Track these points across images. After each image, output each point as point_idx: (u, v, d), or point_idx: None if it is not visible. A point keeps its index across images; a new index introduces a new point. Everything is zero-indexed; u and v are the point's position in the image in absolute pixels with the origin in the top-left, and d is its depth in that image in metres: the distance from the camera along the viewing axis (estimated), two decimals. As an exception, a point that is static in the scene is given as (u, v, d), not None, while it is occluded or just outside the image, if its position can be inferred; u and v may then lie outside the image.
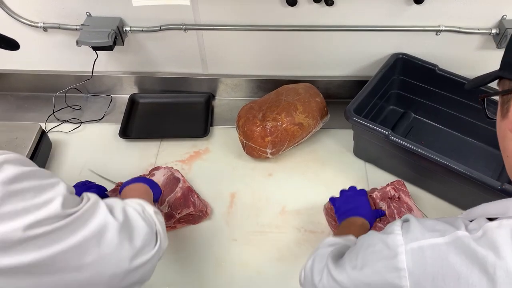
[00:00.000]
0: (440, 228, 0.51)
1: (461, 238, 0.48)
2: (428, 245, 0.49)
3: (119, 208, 0.66)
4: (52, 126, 1.29)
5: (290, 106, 1.14)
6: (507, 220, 0.47)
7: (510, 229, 0.46)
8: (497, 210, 0.52)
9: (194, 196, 1.05)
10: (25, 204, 0.52)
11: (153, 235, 0.69)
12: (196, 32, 1.22)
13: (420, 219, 0.55)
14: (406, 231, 0.53)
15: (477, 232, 0.48)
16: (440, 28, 1.16)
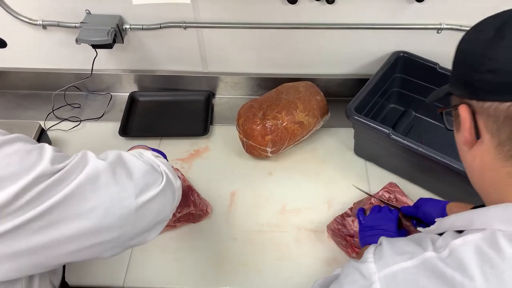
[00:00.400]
0: (409, 250, 0.51)
1: (428, 260, 0.49)
2: (399, 270, 0.50)
3: (112, 154, 0.63)
4: (52, 124, 1.28)
5: (291, 105, 1.13)
6: (472, 235, 0.48)
7: (475, 245, 0.47)
8: (463, 222, 0.52)
9: (195, 195, 1.05)
10: (14, 169, 0.51)
11: (156, 174, 0.65)
12: (196, 30, 1.22)
13: (392, 241, 0.56)
14: (379, 257, 0.54)
15: (444, 250, 0.49)
16: (441, 26, 1.15)
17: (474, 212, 0.51)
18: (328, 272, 0.96)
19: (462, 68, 0.53)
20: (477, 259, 0.46)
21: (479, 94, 0.50)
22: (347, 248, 0.98)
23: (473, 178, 0.57)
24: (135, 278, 0.96)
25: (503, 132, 0.48)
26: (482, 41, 0.50)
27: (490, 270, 0.44)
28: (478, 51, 0.50)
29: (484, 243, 0.47)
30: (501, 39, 0.48)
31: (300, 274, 0.96)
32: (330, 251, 1.00)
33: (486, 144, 0.51)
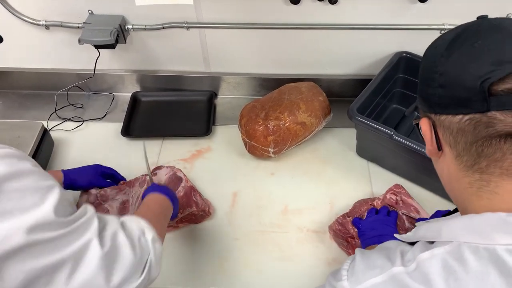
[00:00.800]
0: (379, 264, 0.52)
1: (396, 275, 0.49)
2: (370, 286, 0.51)
3: (110, 231, 0.62)
4: (54, 125, 1.29)
5: (293, 105, 1.13)
6: (438, 249, 0.49)
7: (441, 258, 0.48)
8: (433, 233, 0.53)
9: (197, 196, 1.05)
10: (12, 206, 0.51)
11: (140, 265, 0.65)
12: (199, 31, 1.22)
13: (365, 253, 0.57)
14: (351, 273, 0.55)
15: (411, 263, 0.49)
16: (444, 27, 1.15)
17: (443, 223, 0.52)
18: (329, 272, 0.95)
19: (421, 83, 0.55)
20: (442, 272, 0.46)
21: (435, 108, 0.52)
22: (348, 249, 0.98)
23: (445, 187, 0.58)
24: (137, 278, 0.96)
25: (458, 144, 0.50)
26: (435, 56, 0.52)
27: (454, 283, 0.45)
28: (431, 66, 0.52)
29: (450, 256, 0.47)
30: (450, 55, 0.50)
31: (302, 275, 0.96)
32: (332, 252, 1.00)
33: (448, 156, 0.53)
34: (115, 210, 1.03)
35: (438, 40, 0.54)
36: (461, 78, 0.48)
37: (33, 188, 0.54)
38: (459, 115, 0.49)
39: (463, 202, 0.53)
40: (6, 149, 0.55)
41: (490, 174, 0.49)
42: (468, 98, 0.47)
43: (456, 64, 0.49)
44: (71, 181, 0.99)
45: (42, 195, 0.54)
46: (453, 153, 0.52)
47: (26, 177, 0.54)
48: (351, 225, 0.97)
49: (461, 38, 0.50)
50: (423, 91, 0.54)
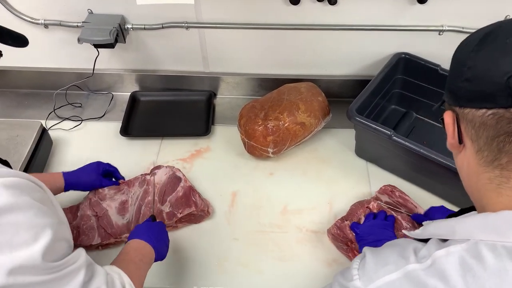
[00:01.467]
0: (392, 261, 0.52)
1: (411, 272, 0.49)
2: (384, 284, 0.51)
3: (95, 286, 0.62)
4: (53, 124, 1.28)
5: (292, 105, 1.13)
6: (454, 247, 0.49)
7: (458, 256, 0.48)
8: (446, 231, 0.53)
9: (196, 196, 1.05)
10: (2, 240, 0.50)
11: None
12: (198, 30, 1.22)
13: (375, 251, 0.57)
14: (363, 273, 0.55)
15: (427, 260, 0.49)
16: (443, 28, 1.15)
17: (457, 221, 0.52)
18: (328, 273, 0.96)
19: (450, 77, 0.56)
20: (460, 269, 0.46)
21: (460, 101, 0.53)
22: (348, 252, 0.98)
23: (464, 182, 0.58)
24: (136, 278, 0.96)
25: (480, 138, 0.51)
26: (465, 51, 0.53)
27: (472, 280, 0.45)
28: (461, 60, 0.53)
29: (467, 253, 0.47)
30: (479, 51, 0.50)
31: (301, 275, 0.97)
32: (331, 252, 1.00)
33: (469, 150, 0.54)
34: (114, 210, 1.03)
35: (471, 35, 0.55)
36: (488, 73, 0.48)
37: (28, 225, 0.53)
38: (483, 109, 0.49)
39: (482, 198, 0.53)
40: (15, 178, 0.54)
41: (510, 170, 0.49)
42: (493, 93, 0.48)
43: (485, 59, 0.49)
44: (72, 185, 0.99)
45: (35, 234, 0.53)
46: (474, 148, 0.52)
47: (24, 211, 0.53)
48: (349, 229, 0.97)
49: (494, 34, 0.50)
50: (451, 84, 0.55)
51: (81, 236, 0.99)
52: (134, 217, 1.02)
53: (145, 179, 1.08)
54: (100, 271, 0.66)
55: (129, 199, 1.05)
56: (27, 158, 1.07)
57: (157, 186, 1.06)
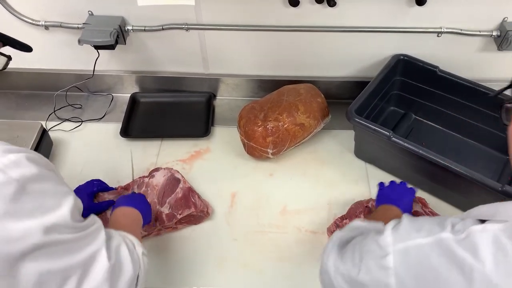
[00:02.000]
0: (427, 228, 0.53)
1: (443, 240, 0.50)
2: (413, 246, 0.52)
3: (114, 244, 0.67)
4: (53, 125, 1.29)
5: (292, 107, 1.14)
6: (492, 225, 0.49)
7: (493, 233, 0.48)
8: (488, 212, 0.53)
9: (195, 197, 1.05)
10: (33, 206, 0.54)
11: (134, 279, 0.69)
12: (198, 32, 1.22)
13: (413, 218, 0.58)
14: (396, 231, 0.56)
15: (461, 234, 0.50)
16: (441, 30, 1.16)
17: (501, 204, 0.52)
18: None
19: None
20: (492, 246, 0.47)
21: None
22: None
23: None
24: (136, 278, 0.96)
25: None
26: None
27: (502, 258, 0.45)
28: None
29: (503, 233, 0.47)
30: None
31: (300, 275, 0.97)
32: (330, 253, 1.00)
33: None
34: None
35: None
36: None
37: (53, 191, 0.58)
38: None
39: None
40: (32, 154, 0.58)
41: None
42: None
43: None
44: None
45: (59, 199, 0.59)
46: None
47: (47, 181, 0.58)
48: None
49: None
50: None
51: None
52: None
53: (143, 181, 1.08)
54: (115, 232, 0.71)
55: None
56: (28, 158, 1.07)
57: (156, 188, 1.06)
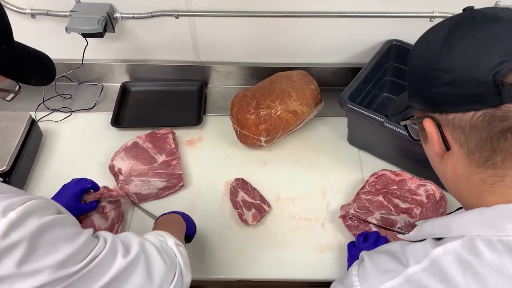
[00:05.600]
0: (392, 268, 0.52)
1: (412, 276, 0.49)
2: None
3: (136, 245, 0.64)
4: (43, 115, 1.27)
5: (284, 94, 1.13)
6: (451, 244, 0.48)
7: (455, 253, 0.47)
8: (441, 229, 0.52)
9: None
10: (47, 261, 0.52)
11: (171, 270, 0.67)
12: (188, 19, 1.20)
13: (373, 257, 0.56)
14: (363, 279, 0.54)
15: (424, 260, 0.49)
16: (434, 14, 1.15)
17: (452, 219, 0.51)
18: (322, 259, 0.97)
19: (418, 84, 0.53)
20: (459, 267, 0.46)
21: (441, 107, 0.50)
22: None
23: (448, 186, 0.57)
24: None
25: (471, 142, 0.49)
26: (433, 53, 0.49)
27: (472, 278, 0.45)
28: (431, 64, 0.49)
29: (464, 250, 0.47)
30: (452, 50, 0.48)
31: (295, 262, 0.97)
32: (324, 239, 1.01)
33: (456, 154, 0.51)
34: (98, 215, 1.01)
35: (427, 36, 0.52)
36: (470, 73, 0.46)
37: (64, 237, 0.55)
38: (471, 111, 0.47)
39: (472, 200, 0.52)
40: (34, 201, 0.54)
41: (505, 168, 0.47)
42: (480, 93, 0.45)
43: (462, 58, 0.47)
44: None
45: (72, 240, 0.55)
46: (464, 151, 0.50)
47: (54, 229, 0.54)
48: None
49: (460, 31, 0.48)
50: (423, 91, 0.51)
51: None
52: (116, 217, 1.02)
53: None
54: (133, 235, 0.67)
55: (107, 205, 1.03)
56: (17, 149, 1.06)
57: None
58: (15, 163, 1.05)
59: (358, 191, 1.06)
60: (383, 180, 1.06)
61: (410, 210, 1.00)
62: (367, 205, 1.02)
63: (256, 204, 1.04)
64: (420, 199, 1.02)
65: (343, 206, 1.03)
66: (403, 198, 1.02)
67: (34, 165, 1.15)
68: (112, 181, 1.11)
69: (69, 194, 0.96)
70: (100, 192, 1.00)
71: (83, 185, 0.98)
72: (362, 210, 1.01)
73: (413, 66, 0.54)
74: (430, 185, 1.03)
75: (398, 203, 1.02)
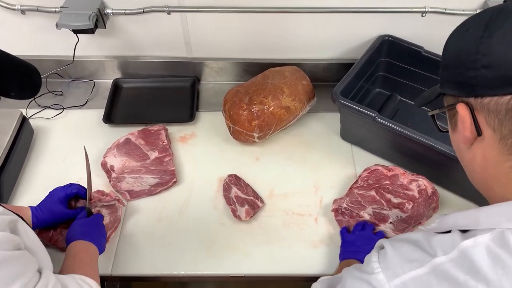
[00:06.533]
0: (417, 257, 0.51)
1: (439, 265, 0.48)
2: (410, 279, 0.50)
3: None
4: (34, 113, 1.26)
5: (277, 90, 1.13)
6: (481, 236, 0.48)
7: (486, 246, 0.47)
8: (468, 221, 0.51)
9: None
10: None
11: None
12: (180, 15, 1.19)
13: (395, 246, 0.55)
14: (385, 266, 0.53)
15: (452, 251, 0.48)
16: (425, 10, 1.16)
17: (480, 211, 0.51)
18: (315, 254, 0.98)
19: (455, 68, 0.53)
20: (488, 260, 0.46)
21: (477, 90, 0.50)
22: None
23: (474, 176, 0.56)
24: (123, 266, 0.96)
25: (505, 126, 0.48)
26: (472, 39, 0.50)
27: (502, 271, 0.44)
28: (470, 48, 0.50)
29: (494, 243, 0.46)
30: (491, 36, 0.48)
31: (288, 257, 0.97)
32: (318, 234, 1.01)
33: (488, 140, 0.51)
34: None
35: (466, 24, 0.53)
36: (508, 55, 0.46)
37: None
38: (508, 95, 0.47)
39: (502, 188, 0.51)
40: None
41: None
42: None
43: (502, 41, 0.47)
44: (38, 221, 0.93)
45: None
46: (496, 137, 0.50)
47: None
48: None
49: (500, 17, 0.49)
50: (460, 75, 0.52)
51: (57, 235, 0.97)
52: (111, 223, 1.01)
53: None
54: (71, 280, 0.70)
55: (102, 210, 1.02)
56: (7, 147, 1.05)
57: None
58: (5, 161, 1.04)
59: (351, 185, 1.07)
60: (376, 175, 1.06)
61: (402, 205, 1.01)
62: (359, 200, 1.02)
63: (249, 200, 1.04)
64: (412, 194, 1.02)
65: (335, 200, 1.03)
66: (395, 193, 1.03)
67: (25, 162, 1.14)
68: (105, 178, 1.10)
69: (54, 199, 0.95)
70: (89, 198, 0.99)
71: (68, 190, 0.97)
72: (355, 204, 1.01)
73: (450, 52, 0.54)
74: (422, 180, 1.03)
75: (390, 198, 1.02)
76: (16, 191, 1.08)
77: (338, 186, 1.10)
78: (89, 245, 0.86)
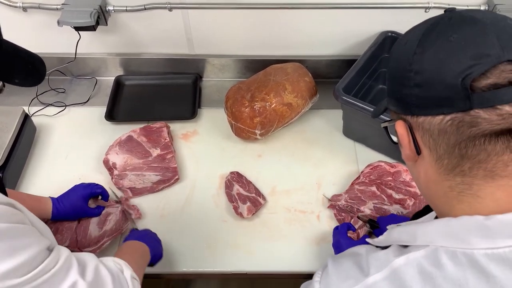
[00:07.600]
0: (353, 275, 0.51)
1: (372, 285, 0.48)
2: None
3: (91, 267, 0.64)
4: (36, 110, 1.26)
5: (279, 86, 1.12)
6: (414, 253, 0.47)
7: (417, 264, 0.46)
8: (408, 236, 0.51)
9: None
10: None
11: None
12: (182, 11, 1.19)
13: (337, 262, 0.55)
14: (325, 284, 0.53)
15: (384, 268, 0.48)
16: (429, 5, 1.15)
17: (418, 227, 0.50)
18: (317, 251, 0.97)
19: (393, 84, 0.52)
20: (419, 279, 0.45)
21: (411, 109, 0.49)
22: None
23: (422, 191, 0.56)
24: (125, 263, 0.96)
25: (439, 146, 0.47)
26: (407, 54, 0.48)
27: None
28: (404, 65, 0.48)
29: (426, 261, 0.46)
30: (425, 51, 0.46)
31: (290, 254, 0.97)
32: (320, 231, 1.01)
33: (426, 159, 0.50)
34: (95, 220, 0.99)
35: (406, 36, 0.51)
36: (440, 75, 0.45)
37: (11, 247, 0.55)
38: (440, 115, 0.45)
39: (442, 206, 0.51)
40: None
41: (473, 176, 0.46)
42: (449, 96, 0.44)
43: (433, 60, 0.45)
44: (58, 212, 0.94)
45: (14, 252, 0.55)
46: (433, 156, 0.49)
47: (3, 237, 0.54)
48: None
49: (434, 33, 0.47)
50: (397, 92, 0.50)
51: (57, 234, 0.96)
52: (110, 230, 0.99)
53: None
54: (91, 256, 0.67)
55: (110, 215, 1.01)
56: (10, 144, 1.05)
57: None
58: (8, 158, 1.04)
59: (352, 182, 1.06)
60: (378, 171, 1.06)
61: (403, 201, 1.00)
62: (359, 195, 1.02)
63: (251, 197, 1.04)
64: (414, 191, 1.02)
65: (333, 196, 1.03)
66: (397, 189, 1.02)
67: (28, 160, 1.14)
68: (107, 176, 1.10)
69: (78, 195, 0.97)
70: (108, 203, 1.02)
71: (94, 189, 0.99)
72: (354, 200, 1.01)
73: (390, 66, 0.53)
74: None
75: (391, 193, 1.02)
76: (19, 188, 1.08)
77: (341, 183, 1.10)
78: (142, 245, 0.86)
